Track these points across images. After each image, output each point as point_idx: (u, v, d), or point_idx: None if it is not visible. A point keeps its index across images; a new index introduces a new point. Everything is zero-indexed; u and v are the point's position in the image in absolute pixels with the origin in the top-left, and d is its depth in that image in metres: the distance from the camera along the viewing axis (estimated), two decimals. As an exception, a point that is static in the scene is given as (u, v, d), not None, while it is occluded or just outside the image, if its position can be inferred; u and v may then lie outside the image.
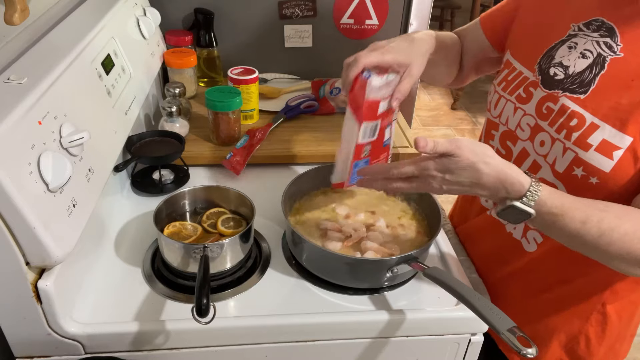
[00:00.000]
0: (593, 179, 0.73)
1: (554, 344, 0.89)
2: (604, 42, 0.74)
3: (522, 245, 0.86)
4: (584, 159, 0.73)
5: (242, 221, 0.93)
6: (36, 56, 0.80)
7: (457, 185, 0.71)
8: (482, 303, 0.70)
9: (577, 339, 0.88)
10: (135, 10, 1.23)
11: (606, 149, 0.71)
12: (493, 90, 0.89)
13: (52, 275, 0.71)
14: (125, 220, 0.99)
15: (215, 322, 0.72)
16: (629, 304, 0.86)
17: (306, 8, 1.46)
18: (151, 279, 0.86)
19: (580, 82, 0.75)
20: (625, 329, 0.90)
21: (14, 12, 0.71)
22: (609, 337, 0.88)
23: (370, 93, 0.82)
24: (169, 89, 1.20)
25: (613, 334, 0.88)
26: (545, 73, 0.79)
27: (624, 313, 0.87)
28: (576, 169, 0.74)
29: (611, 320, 0.86)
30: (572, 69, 0.76)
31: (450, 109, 4.03)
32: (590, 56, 0.75)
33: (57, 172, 0.68)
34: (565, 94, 0.76)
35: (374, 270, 0.84)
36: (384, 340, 0.84)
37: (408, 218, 0.98)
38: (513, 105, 0.84)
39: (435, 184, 0.72)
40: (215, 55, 1.45)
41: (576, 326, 0.87)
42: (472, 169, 0.69)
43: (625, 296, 0.84)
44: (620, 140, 0.70)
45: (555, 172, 0.77)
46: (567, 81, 0.76)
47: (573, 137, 0.73)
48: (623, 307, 0.86)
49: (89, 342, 0.77)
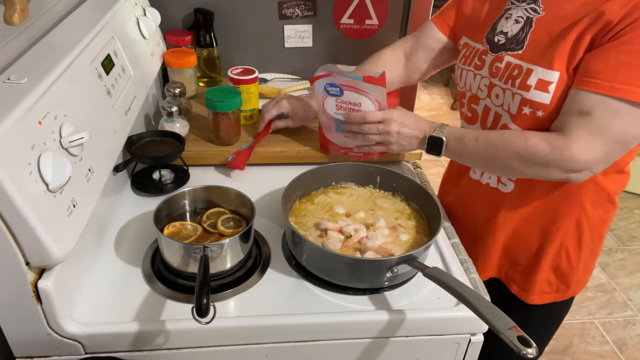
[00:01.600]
0: (539, 112, 0.90)
1: (542, 267, 1.04)
2: (531, 8, 0.93)
3: (500, 190, 1.03)
4: (528, 97, 0.90)
5: (242, 221, 0.93)
6: (36, 56, 0.80)
7: (408, 135, 1.00)
8: (482, 303, 0.70)
9: (559, 255, 1.03)
10: (135, 10, 1.23)
11: (543, 86, 0.88)
12: (457, 67, 1.07)
13: (52, 275, 0.71)
14: (125, 220, 0.99)
15: (215, 322, 0.72)
16: (600, 221, 1.02)
17: (306, 8, 1.46)
18: (151, 279, 0.86)
19: (516, 42, 0.94)
20: (596, 246, 1.06)
21: (13, 12, 0.71)
22: (584, 251, 1.03)
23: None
24: (169, 89, 1.20)
25: (587, 248, 1.03)
26: (491, 41, 0.98)
27: (595, 230, 1.02)
28: (524, 108, 0.91)
29: (585, 234, 1.01)
30: (510, 33, 0.95)
31: (450, 109, 4.03)
32: (521, 21, 0.94)
33: (57, 172, 0.68)
34: (508, 53, 0.95)
35: (374, 270, 0.84)
36: (384, 340, 0.84)
37: (408, 218, 0.98)
38: (472, 73, 1.01)
39: (393, 139, 1.01)
40: (215, 55, 1.45)
41: (557, 243, 1.02)
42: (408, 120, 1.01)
43: (596, 214, 1.00)
44: (550, 76, 0.88)
45: (511, 115, 0.94)
46: (507, 43, 0.95)
47: (517, 83, 0.91)
48: (595, 224, 1.01)
49: (89, 342, 0.77)
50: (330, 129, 1.11)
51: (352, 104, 1.05)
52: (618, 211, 1.05)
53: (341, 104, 1.06)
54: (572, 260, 1.03)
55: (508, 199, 1.02)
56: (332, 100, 1.06)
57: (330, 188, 1.05)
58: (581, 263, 1.04)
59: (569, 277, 1.05)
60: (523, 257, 1.05)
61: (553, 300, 1.08)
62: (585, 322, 2.21)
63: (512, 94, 0.92)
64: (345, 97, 1.05)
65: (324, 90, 1.06)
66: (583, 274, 1.07)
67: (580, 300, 2.31)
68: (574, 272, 1.05)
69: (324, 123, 1.13)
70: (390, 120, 1.00)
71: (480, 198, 1.07)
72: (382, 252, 0.87)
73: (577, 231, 1.01)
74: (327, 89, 1.05)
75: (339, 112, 1.07)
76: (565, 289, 1.07)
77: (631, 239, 2.71)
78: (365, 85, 1.02)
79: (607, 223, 1.04)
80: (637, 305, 2.31)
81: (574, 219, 0.99)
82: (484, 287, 0.90)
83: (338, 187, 1.05)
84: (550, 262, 1.04)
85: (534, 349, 0.63)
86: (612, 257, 2.58)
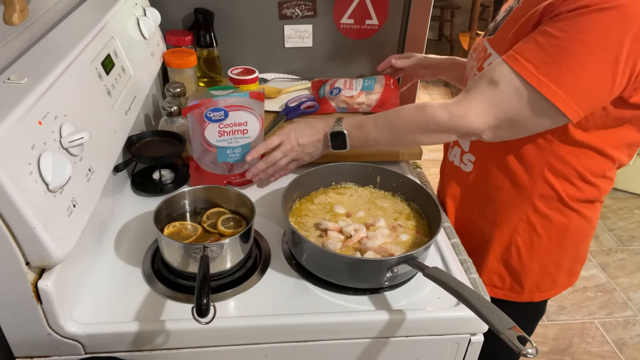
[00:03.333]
0: None
1: (491, 257, 1.04)
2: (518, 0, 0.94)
3: (462, 169, 1.05)
4: None
5: (242, 221, 0.93)
6: (36, 56, 0.80)
7: (309, 142, 1.03)
8: (482, 303, 0.70)
9: (509, 249, 1.02)
10: (135, 10, 1.23)
11: None
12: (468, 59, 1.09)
13: (52, 275, 0.71)
14: (125, 220, 0.99)
15: (215, 322, 0.72)
16: (559, 225, 0.99)
17: (306, 8, 1.46)
18: (151, 279, 0.86)
19: (494, 28, 0.97)
20: (557, 253, 1.02)
21: (13, 12, 0.71)
22: (538, 253, 1.01)
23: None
24: (169, 89, 1.19)
25: (543, 250, 1.01)
26: (489, 27, 1.01)
27: (553, 233, 1.00)
28: None
29: (538, 234, 1.00)
30: (497, 21, 0.98)
31: (450, 109, 4.03)
32: (507, 9, 0.96)
33: (57, 172, 0.68)
34: (487, 37, 0.98)
35: (374, 270, 0.84)
36: (384, 340, 0.84)
37: (408, 218, 0.98)
38: (472, 57, 1.03)
39: (299, 152, 1.04)
40: (215, 55, 1.45)
41: (507, 236, 1.01)
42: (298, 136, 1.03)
43: (552, 216, 0.98)
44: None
45: None
46: (492, 29, 0.98)
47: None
48: (551, 226, 0.99)
49: (89, 342, 0.77)
50: (206, 160, 1.06)
51: (237, 124, 1.03)
52: (618, 211, 1.04)
53: (224, 128, 1.03)
54: (522, 257, 1.02)
55: (467, 179, 1.04)
56: (214, 126, 1.02)
57: (330, 188, 1.05)
58: (535, 264, 1.02)
59: (521, 276, 1.04)
60: (474, 242, 1.05)
61: (507, 298, 1.06)
62: (585, 322, 2.21)
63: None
64: (230, 119, 1.02)
65: (205, 118, 1.01)
66: (541, 279, 1.04)
67: (580, 300, 2.31)
68: (526, 271, 1.03)
69: (198, 156, 1.06)
70: (286, 138, 1.02)
71: (449, 176, 1.10)
72: (382, 252, 0.87)
73: (529, 228, 0.99)
74: (208, 116, 1.01)
75: (222, 138, 1.04)
76: (519, 289, 1.05)
77: (631, 239, 2.71)
78: (251, 102, 1.02)
79: (572, 231, 1.00)
80: (637, 305, 2.31)
81: (524, 214, 0.98)
82: (484, 287, 0.90)
83: (338, 187, 1.05)
84: (499, 254, 1.03)
85: (534, 349, 0.63)
86: (612, 257, 2.58)
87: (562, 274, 1.05)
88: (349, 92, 1.34)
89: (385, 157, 1.19)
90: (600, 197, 0.98)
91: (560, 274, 1.05)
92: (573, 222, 0.99)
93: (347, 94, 1.33)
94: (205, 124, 1.01)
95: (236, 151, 1.06)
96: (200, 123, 1.01)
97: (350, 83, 1.37)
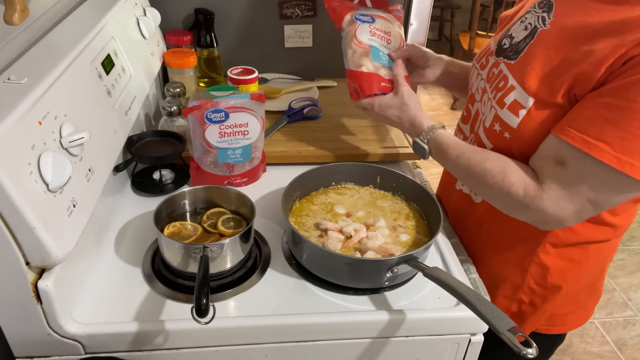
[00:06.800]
0: (506, 133, 0.85)
1: (500, 294, 0.98)
2: (541, 17, 0.84)
3: (472, 198, 0.99)
4: (500, 115, 0.85)
5: (242, 221, 0.93)
6: (36, 56, 0.80)
7: (389, 116, 0.99)
8: (482, 303, 0.70)
9: (522, 289, 0.96)
10: (135, 10, 1.23)
11: (515, 108, 0.82)
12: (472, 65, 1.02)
13: (52, 275, 0.71)
14: (125, 220, 0.99)
15: (215, 322, 0.72)
16: (573, 266, 0.93)
17: (306, 8, 1.46)
18: (151, 279, 0.86)
19: (515, 50, 0.86)
20: (578, 295, 0.97)
21: (13, 12, 0.71)
22: (553, 300, 0.95)
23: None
24: (169, 89, 1.19)
25: (558, 295, 0.95)
26: (499, 43, 0.91)
27: (569, 276, 0.94)
28: (495, 124, 0.87)
29: (552, 274, 0.93)
30: (516, 39, 0.87)
31: (450, 109, 4.03)
32: (529, 28, 0.85)
33: (57, 172, 0.68)
34: (504, 60, 0.87)
35: (374, 270, 0.84)
36: (384, 340, 0.84)
37: (407, 218, 0.98)
38: (477, 72, 0.97)
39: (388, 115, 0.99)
40: (215, 55, 1.45)
41: (518, 278, 0.96)
42: (398, 107, 0.97)
43: (563, 254, 0.91)
44: (525, 100, 0.81)
45: (485, 127, 0.90)
46: (509, 49, 0.88)
47: (497, 97, 0.86)
48: (566, 268, 0.93)
49: (89, 342, 0.77)
50: (207, 161, 1.06)
51: (237, 125, 1.03)
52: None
53: (225, 129, 1.02)
54: (536, 302, 0.97)
55: (477, 208, 0.98)
56: (215, 127, 1.01)
57: (330, 188, 1.05)
58: (548, 307, 0.97)
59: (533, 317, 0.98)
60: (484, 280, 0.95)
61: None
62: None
63: (491, 107, 0.88)
64: (231, 120, 1.02)
65: (205, 119, 1.00)
66: (550, 319, 1.00)
67: (580, 300, 2.31)
68: (539, 312, 0.98)
69: (198, 156, 1.05)
70: (393, 108, 0.98)
71: (454, 201, 1.05)
72: (382, 252, 0.87)
73: (540, 268, 0.93)
74: (209, 117, 1.00)
75: (222, 139, 1.03)
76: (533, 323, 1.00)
77: (631, 239, 2.71)
78: (252, 103, 1.01)
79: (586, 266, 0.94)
80: (637, 305, 2.31)
81: (536, 254, 0.92)
82: (484, 287, 0.90)
83: (338, 187, 1.05)
84: (510, 295, 0.98)
85: (535, 349, 0.63)
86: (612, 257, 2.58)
87: (579, 311, 1.02)
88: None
89: (385, 157, 1.19)
90: (619, 234, 0.93)
91: (578, 312, 1.02)
92: (590, 257, 0.94)
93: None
94: (206, 125, 1.01)
95: (237, 152, 1.06)
96: (201, 124, 1.01)
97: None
